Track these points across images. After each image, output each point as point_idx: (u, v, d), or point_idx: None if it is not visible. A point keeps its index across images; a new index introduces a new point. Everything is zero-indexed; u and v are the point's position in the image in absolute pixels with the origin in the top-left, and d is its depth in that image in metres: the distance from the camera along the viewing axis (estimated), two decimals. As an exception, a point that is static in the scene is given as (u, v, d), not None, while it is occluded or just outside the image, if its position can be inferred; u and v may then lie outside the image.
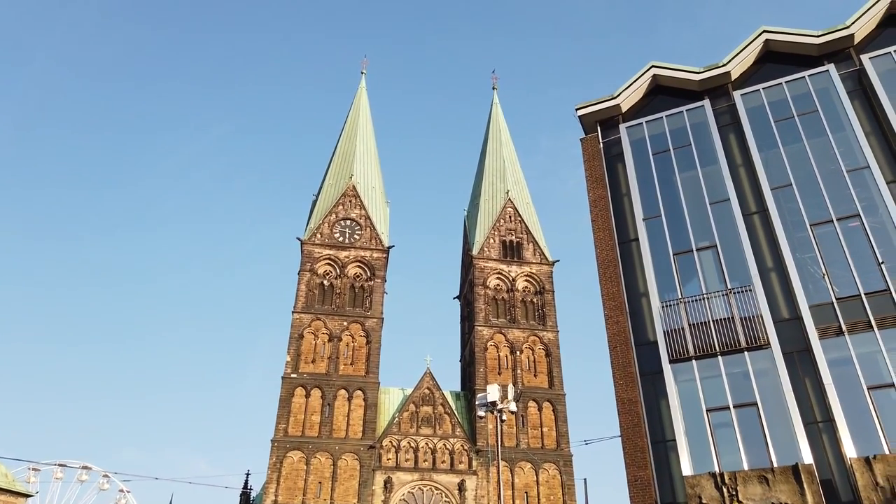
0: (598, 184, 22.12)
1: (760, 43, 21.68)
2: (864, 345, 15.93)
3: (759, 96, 20.95)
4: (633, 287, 19.78)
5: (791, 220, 18.48)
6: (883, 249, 16.94)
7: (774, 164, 19.54)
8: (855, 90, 19.98)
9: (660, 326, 18.16)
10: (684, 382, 17.23)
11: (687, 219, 19.74)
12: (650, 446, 16.92)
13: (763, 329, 16.89)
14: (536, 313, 65.46)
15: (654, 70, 22.73)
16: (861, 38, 20.63)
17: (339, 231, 65.15)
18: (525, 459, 55.50)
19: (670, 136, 21.63)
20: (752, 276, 17.82)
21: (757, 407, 16.01)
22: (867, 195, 17.93)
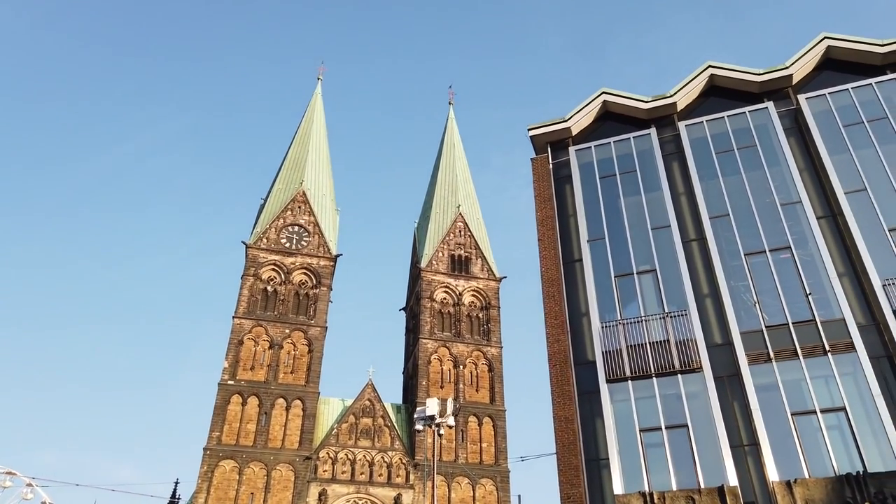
0: (546, 204, 22.48)
1: (706, 77, 22.54)
2: (790, 372, 16.60)
3: (703, 128, 21.74)
4: (574, 307, 20.11)
5: (727, 248, 19.16)
6: (811, 281, 17.73)
7: (714, 194, 20.26)
8: (791, 128, 20.96)
9: (599, 346, 18.50)
10: (620, 402, 17.58)
11: (629, 242, 20.23)
12: (584, 464, 17.16)
13: (696, 353, 17.41)
14: (481, 328, 65.82)
15: (604, 96, 23.33)
16: (799, 78, 21.68)
17: (286, 237, 64.17)
18: (462, 474, 55.51)
19: (617, 161, 22.19)
20: (689, 301, 18.38)
21: (687, 428, 16.45)
22: (798, 228, 18.76)
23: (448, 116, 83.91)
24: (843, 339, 16.55)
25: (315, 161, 71.57)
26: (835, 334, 16.68)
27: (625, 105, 23.11)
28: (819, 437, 15.52)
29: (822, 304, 17.30)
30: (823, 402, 15.94)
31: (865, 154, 19.26)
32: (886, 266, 17.15)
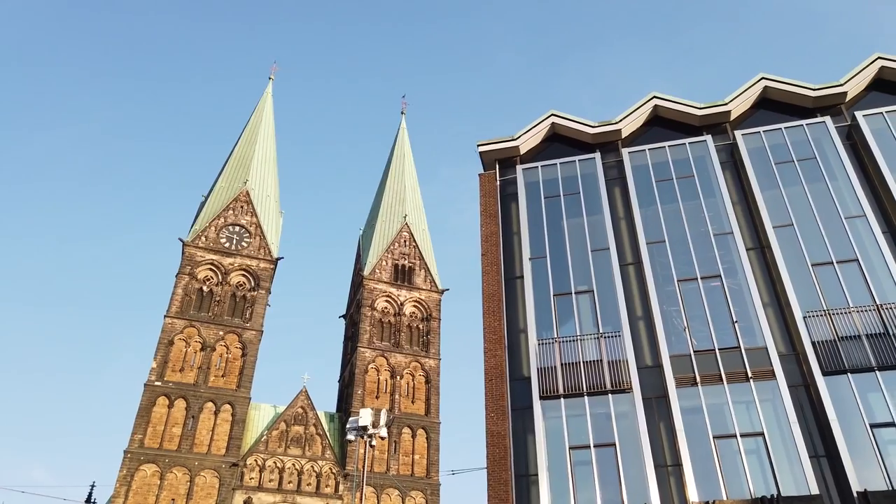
0: (491, 220, 22.72)
1: (650, 107, 23.33)
2: (714, 396, 17.21)
3: (645, 156, 22.45)
4: (513, 323, 20.34)
5: (661, 273, 19.79)
6: (738, 309, 18.48)
7: (652, 220, 20.91)
8: (727, 161, 21.88)
9: (534, 363, 18.75)
10: (552, 419, 17.83)
11: (570, 263, 20.64)
12: (513, 480, 17.30)
13: (627, 373, 17.86)
14: (421, 339, 65.74)
15: (553, 118, 23.83)
16: (737, 115, 22.70)
17: (226, 236, 62.68)
18: (393, 486, 55.09)
19: (562, 182, 22.66)
20: (622, 323, 18.86)
21: (615, 448, 16.82)
22: (729, 258, 19.55)
23: (400, 126, 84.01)
24: (765, 366, 17.28)
25: (261, 161, 70.31)
26: (757, 362, 17.41)
27: (572, 128, 23.66)
28: (738, 461, 16.12)
29: (747, 332, 18.05)
30: (744, 427, 16.58)
31: (794, 191, 20.27)
32: (808, 299, 18.05)
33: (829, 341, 17.21)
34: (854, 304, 17.62)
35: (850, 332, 17.25)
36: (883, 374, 16.51)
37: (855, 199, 19.62)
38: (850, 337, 17.17)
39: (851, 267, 18.37)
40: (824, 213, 19.55)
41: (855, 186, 19.81)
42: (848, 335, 17.20)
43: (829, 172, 20.41)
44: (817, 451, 16.16)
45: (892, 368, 16.50)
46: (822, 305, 17.83)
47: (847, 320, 17.43)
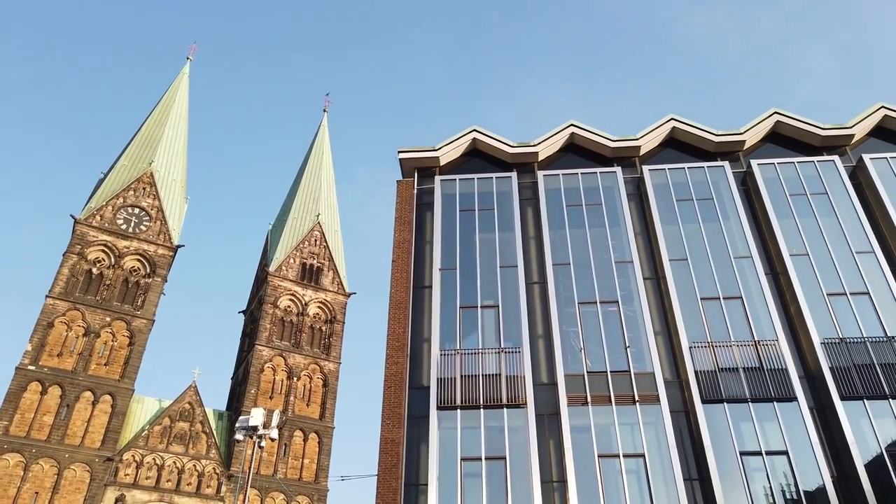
0: (405, 227, 22.73)
1: (567, 133, 24.16)
2: (602, 416, 17.90)
3: (559, 180, 23.19)
4: (417, 332, 20.38)
5: (564, 295, 20.44)
6: (631, 335, 19.36)
7: (559, 243, 21.60)
8: (633, 193, 22.97)
9: (434, 373, 18.85)
10: (446, 430, 17.96)
11: (478, 277, 20.95)
12: (403, 488, 17.26)
13: (523, 389, 18.28)
14: (322, 342, 64.63)
15: (474, 134, 24.21)
16: (646, 150, 23.89)
17: (123, 218, 59.29)
18: (279, 490, 53.62)
19: (478, 197, 23.01)
20: (523, 340, 19.31)
21: (505, 461, 17.14)
22: (627, 286, 20.47)
23: (321, 123, 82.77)
24: (651, 391, 18.18)
25: (170, 143, 67.16)
26: (644, 386, 18.28)
27: (492, 146, 24.12)
28: (619, 480, 16.81)
29: (637, 357, 18.93)
30: (627, 448, 17.33)
31: (691, 228, 21.52)
32: (695, 330, 19.17)
33: (711, 371, 18.33)
34: (735, 339, 18.87)
35: (729, 364, 18.44)
36: (755, 406, 17.75)
37: (744, 240, 21.06)
38: (729, 369, 18.36)
39: (736, 304, 19.68)
40: (716, 252, 20.86)
41: (745, 228, 21.28)
42: (727, 367, 18.39)
43: (723, 213, 21.82)
44: (691, 475, 17.12)
45: (763, 401, 17.77)
46: (706, 337, 18.98)
47: (728, 353, 18.63)
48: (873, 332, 18.71)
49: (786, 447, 17.05)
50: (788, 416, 17.55)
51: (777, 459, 16.99)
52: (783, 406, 17.71)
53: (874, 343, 18.46)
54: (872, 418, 17.36)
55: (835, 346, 18.51)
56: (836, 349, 18.47)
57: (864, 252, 20.36)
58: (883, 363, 18.10)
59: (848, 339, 18.60)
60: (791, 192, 22.00)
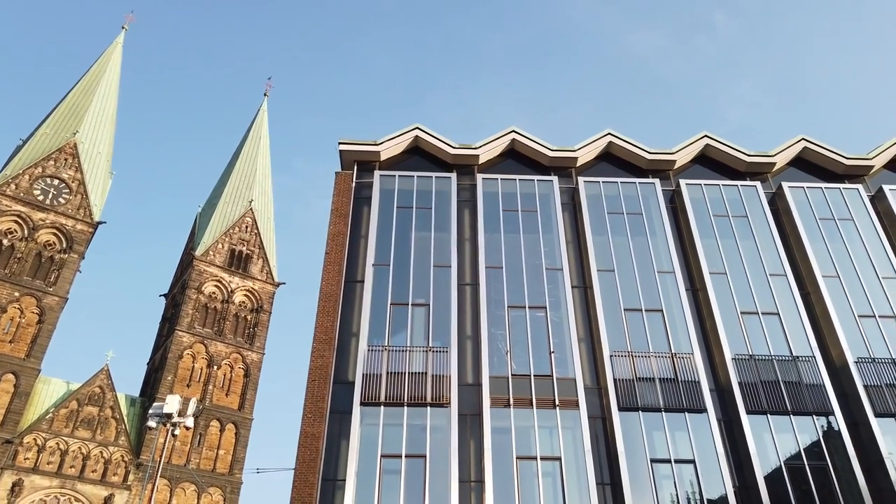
0: (341, 220, 22.48)
1: (509, 139, 24.49)
2: (523, 419, 18.23)
3: (497, 185, 23.46)
4: (346, 326, 20.20)
5: (494, 298, 20.69)
6: (556, 341, 19.79)
7: (494, 246, 21.85)
8: (568, 203, 23.49)
9: (360, 369, 18.72)
10: (369, 426, 17.86)
11: (411, 274, 20.94)
12: (320, 483, 17.06)
13: (448, 389, 18.40)
14: (247, 331, 63.13)
15: (417, 132, 24.19)
16: (582, 162, 24.47)
17: (41, 189, 56.15)
18: (190, 480, 52.00)
19: (417, 195, 23.01)
20: (452, 340, 19.44)
21: (425, 459, 17.20)
22: (556, 293, 20.91)
23: (261, 108, 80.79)
24: (571, 396, 18.64)
25: (97, 114, 64.05)
26: (565, 391, 18.72)
27: (434, 145, 24.16)
28: (535, 482, 17.15)
29: (560, 362, 19.37)
30: (544, 451, 17.71)
31: (619, 241, 22.20)
32: (616, 340, 19.78)
33: (629, 380, 18.96)
34: (654, 350, 19.59)
35: (646, 374, 19.13)
36: (668, 416, 18.48)
37: (668, 256, 21.89)
38: (646, 379, 19.05)
39: (656, 316, 20.43)
40: (641, 265, 21.60)
41: (670, 245, 22.12)
42: (644, 377, 19.07)
43: (651, 229, 22.61)
44: (604, 479, 17.66)
45: (676, 411, 18.53)
46: (627, 347, 19.63)
47: (646, 363, 19.33)
48: (780, 350, 19.81)
49: (693, 456, 17.83)
50: (698, 427, 18.36)
51: (685, 468, 17.74)
52: (694, 417, 18.51)
53: (780, 361, 19.55)
54: (774, 432, 18.38)
55: (744, 363, 19.50)
56: (745, 365, 19.45)
57: (777, 275, 21.53)
58: (787, 381, 19.19)
59: (757, 356, 19.63)
60: (714, 213, 23.03)
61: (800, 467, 17.80)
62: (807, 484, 17.53)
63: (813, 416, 18.67)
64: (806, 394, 18.99)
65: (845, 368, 19.54)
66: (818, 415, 18.70)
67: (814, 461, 17.91)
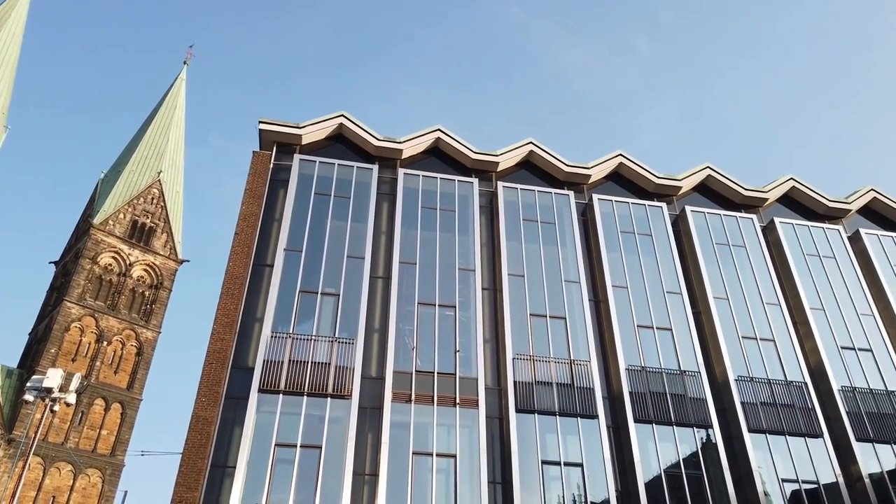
0: (255, 201, 21.85)
1: (433, 138, 24.59)
2: (423, 415, 18.37)
3: (418, 181, 23.50)
4: (251, 310, 19.66)
5: (406, 293, 20.73)
6: (462, 340, 20.06)
7: (409, 242, 21.89)
8: (485, 207, 23.86)
9: (262, 355, 18.27)
10: (265, 413, 17.47)
11: (323, 262, 20.64)
12: (208, 469, 16.52)
13: (351, 381, 18.27)
14: (144, 307, 60.22)
15: (342, 119, 23.86)
16: (502, 168, 24.91)
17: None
18: (67, 460, 49.04)
19: (336, 184, 22.69)
20: (359, 332, 19.31)
21: (321, 450, 17.01)
22: (467, 293, 21.20)
23: (179, 76, 77.11)
24: (472, 395, 18.95)
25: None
26: (467, 390, 19.02)
27: (358, 135, 23.91)
28: (429, 478, 17.33)
29: (465, 362, 19.66)
30: (441, 447, 17.93)
31: (531, 248, 22.77)
32: (520, 343, 20.28)
33: (528, 383, 19.50)
34: (554, 356, 20.23)
35: (545, 378, 19.74)
36: (562, 419, 19.14)
37: (576, 266, 22.67)
38: (545, 383, 19.65)
39: (559, 323, 21.11)
40: (550, 273, 22.26)
41: (578, 256, 22.91)
42: (543, 381, 19.66)
43: (562, 239, 23.33)
44: (496, 478, 18.07)
45: (570, 416, 19.21)
46: (529, 351, 20.17)
47: (545, 368, 19.93)
48: (670, 364, 20.94)
49: (582, 460, 18.57)
50: (588, 432, 19.13)
51: (573, 471, 18.44)
52: (585, 422, 19.27)
53: (669, 374, 20.67)
54: (658, 441, 19.41)
55: (636, 374, 20.48)
56: (637, 376, 20.44)
57: (673, 293, 22.74)
58: (673, 393, 20.32)
59: (648, 368, 20.66)
60: (622, 230, 24.04)
61: (678, 475, 18.90)
62: (683, 492, 18.63)
63: (694, 427, 19.87)
64: (689, 406, 20.18)
65: (726, 385, 20.91)
66: (698, 427, 19.91)
67: (691, 470, 19.06)
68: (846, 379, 21.83)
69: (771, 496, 19.15)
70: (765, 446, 19.94)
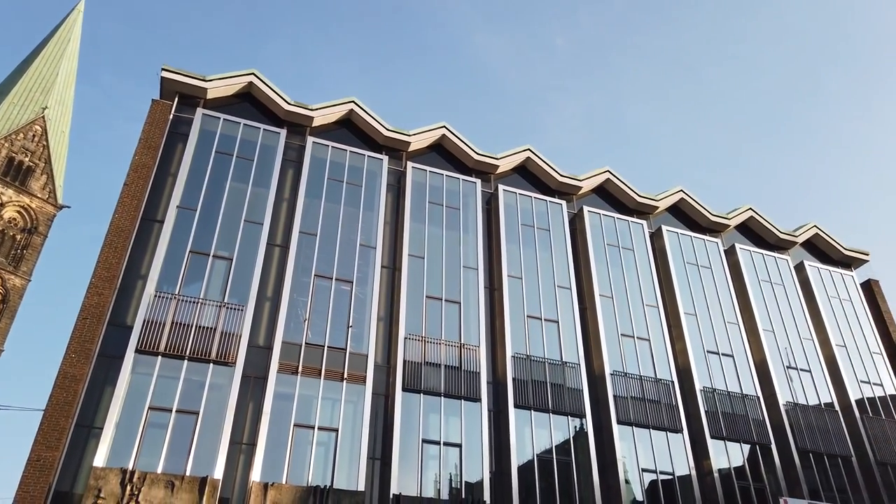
0: (150, 152, 20.64)
1: (346, 109, 24.14)
2: (309, 388, 18.21)
3: (326, 151, 23.05)
4: (134, 266, 18.65)
5: (303, 264, 20.37)
6: (357, 316, 20.00)
7: (312, 213, 21.47)
8: (393, 185, 23.78)
9: (143, 314, 17.41)
10: (141, 375, 16.69)
11: (218, 224, 19.88)
12: (72, 429, 15.60)
13: (236, 348, 17.78)
14: (14, 252, 55.69)
15: (252, 77, 22.94)
16: (414, 148, 24.85)
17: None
18: None
19: (240, 144, 21.84)
20: (250, 299, 18.80)
21: (197, 416, 16.48)
22: (365, 269, 21.11)
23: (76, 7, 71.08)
24: (360, 371, 18.98)
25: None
26: (356, 366, 19.02)
27: (268, 97, 23.07)
28: (308, 451, 17.24)
29: (356, 337, 19.64)
30: (324, 421, 17.87)
31: (435, 231, 22.95)
32: (413, 324, 20.49)
33: (417, 363, 19.76)
34: (445, 338, 20.60)
35: (434, 359, 20.07)
36: (446, 401, 19.56)
37: (475, 253, 23.11)
38: (433, 364, 19.98)
39: (454, 308, 21.50)
40: (450, 257, 22.57)
41: (479, 243, 23.35)
42: (432, 362, 19.99)
43: (465, 225, 23.68)
44: (375, 454, 18.26)
45: (454, 398, 19.67)
46: (422, 331, 20.42)
47: (436, 350, 20.26)
48: (553, 355, 21.87)
49: (461, 441, 19.10)
50: (470, 414, 19.68)
51: (451, 451, 18.94)
52: (468, 405, 19.80)
53: (551, 364, 21.59)
54: (534, 427, 20.29)
55: (521, 361, 21.25)
56: (522, 364, 21.21)
57: (563, 287, 23.71)
58: (553, 383, 21.26)
59: (533, 357, 21.49)
60: (523, 222, 24.74)
61: (549, 460, 19.86)
62: (552, 476, 19.61)
63: (569, 416, 20.90)
64: (567, 396, 21.20)
65: (602, 378, 22.13)
66: (573, 416, 20.97)
67: (561, 456, 20.08)
68: (708, 380, 23.68)
69: (631, 484, 20.55)
70: (630, 437, 21.33)
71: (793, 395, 24.83)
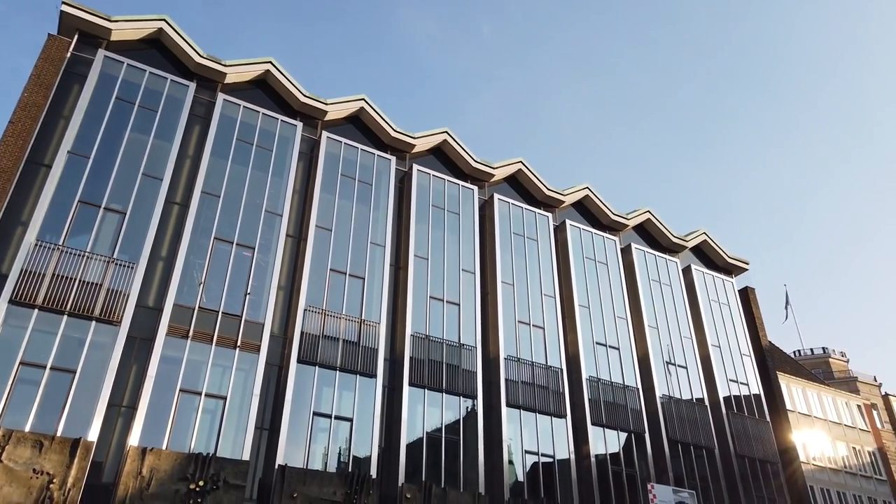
0: (41, 91, 19.12)
1: (262, 69, 23.33)
2: (198, 353, 17.64)
3: (238, 111, 22.18)
4: (15, 211, 17.30)
5: (203, 225, 19.61)
6: (256, 284, 19.51)
7: (217, 172, 20.67)
8: (306, 153, 23.26)
9: (21, 262, 16.21)
10: (13, 328, 15.59)
11: (113, 175, 18.76)
12: (-71, 382, 14.38)
13: (123, 307, 16.93)
14: None
15: (163, 24, 21.66)
16: (330, 118, 24.35)
17: None
18: None
19: (143, 92, 20.64)
20: (142, 257, 17.92)
21: (74, 375, 15.61)
22: (269, 237, 20.59)
23: (-32, -79, 64.20)
24: (255, 340, 18.58)
25: None
26: (250, 334, 18.59)
27: (179, 46, 21.89)
28: (193, 417, 16.74)
29: (254, 305, 19.17)
30: (212, 388, 17.39)
31: (345, 204, 22.70)
32: (315, 296, 20.25)
33: (315, 336, 19.57)
34: (346, 313, 20.49)
35: (333, 333, 19.94)
36: (341, 375, 19.52)
37: (384, 230, 23.04)
38: (332, 338, 19.85)
39: (358, 283, 21.39)
40: (358, 232, 22.39)
41: (389, 221, 23.26)
42: (331, 336, 19.85)
43: (376, 201, 23.51)
44: (264, 424, 18.00)
45: (350, 372, 19.66)
46: (322, 305, 20.22)
47: (335, 323, 20.13)
48: (451, 337, 22.26)
49: (353, 415, 19.15)
50: (365, 390, 19.74)
51: (342, 424, 18.96)
52: (363, 380, 19.86)
53: (449, 346, 21.98)
54: (427, 405, 20.63)
55: (420, 341, 21.50)
56: (420, 343, 21.46)
57: (468, 271, 24.12)
58: (449, 363, 21.67)
59: (432, 337, 21.79)
60: (434, 204, 24.89)
61: (438, 438, 20.28)
62: (439, 454, 20.05)
63: (461, 396, 21.40)
64: (461, 377, 21.67)
65: (496, 362, 22.77)
66: (465, 397, 21.48)
67: (450, 435, 20.56)
68: (594, 370, 24.90)
69: (515, 465, 21.35)
70: (517, 420, 22.12)
71: (669, 388, 26.56)
